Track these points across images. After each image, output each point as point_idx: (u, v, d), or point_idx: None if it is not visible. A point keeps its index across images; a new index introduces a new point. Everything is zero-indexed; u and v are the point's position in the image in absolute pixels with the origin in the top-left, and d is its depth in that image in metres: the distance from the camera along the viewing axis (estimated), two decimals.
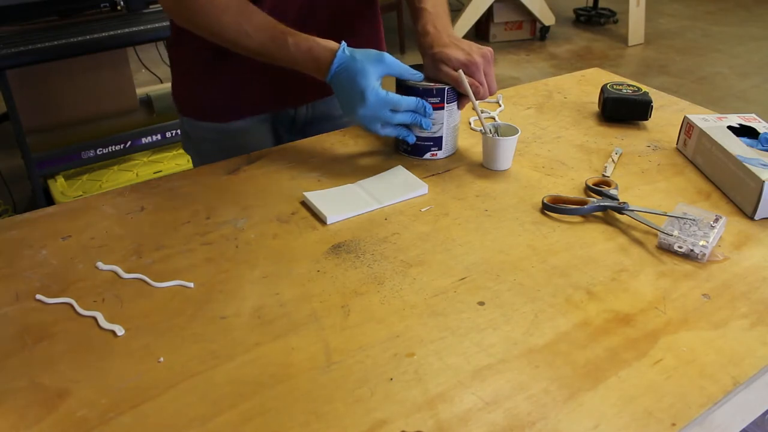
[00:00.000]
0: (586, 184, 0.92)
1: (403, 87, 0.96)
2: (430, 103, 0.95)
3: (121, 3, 2.15)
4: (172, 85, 1.15)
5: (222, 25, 0.92)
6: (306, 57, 0.92)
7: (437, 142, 0.99)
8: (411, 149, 1.00)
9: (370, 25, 1.15)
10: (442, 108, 0.96)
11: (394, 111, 0.92)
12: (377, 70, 0.90)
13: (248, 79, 1.07)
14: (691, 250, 0.77)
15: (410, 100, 0.93)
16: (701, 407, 0.58)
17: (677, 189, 0.93)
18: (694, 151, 0.99)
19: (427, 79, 0.97)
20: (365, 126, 0.93)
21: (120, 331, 0.67)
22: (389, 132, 0.95)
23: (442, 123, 0.97)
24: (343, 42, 0.92)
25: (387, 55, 0.91)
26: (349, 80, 0.90)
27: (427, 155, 1.00)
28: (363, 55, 0.90)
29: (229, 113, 1.10)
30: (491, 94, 0.97)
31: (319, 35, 0.93)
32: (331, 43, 0.92)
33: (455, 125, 1.00)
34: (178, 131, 2.33)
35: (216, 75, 1.07)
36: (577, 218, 0.86)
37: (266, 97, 1.10)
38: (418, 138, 0.98)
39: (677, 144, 1.05)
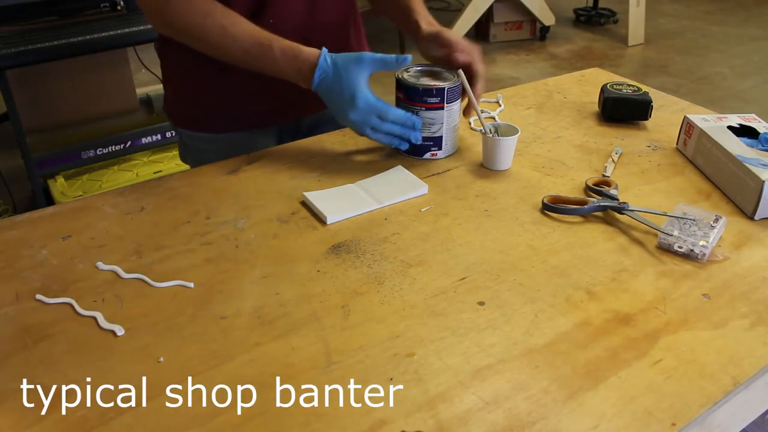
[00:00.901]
0: (586, 184, 0.92)
1: (403, 86, 0.96)
2: (430, 103, 0.95)
3: (121, 3, 2.15)
4: (165, 97, 1.13)
5: (205, 28, 0.91)
6: (291, 64, 0.92)
7: (437, 142, 0.99)
8: (411, 149, 1.00)
9: (354, 29, 1.14)
10: (442, 108, 0.96)
11: (382, 119, 0.93)
12: (363, 73, 0.91)
13: (249, 90, 1.05)
14: (691, 250, 0.77)
15: (398, 113, 0.94)
16: (701, 407, 0.58)
17: (677, 189, 0.93)
18: (694, 151, 0.99)
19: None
20: (357, 130, 0.94)
21: (120, 331, 0.67)
22: (380, 138, 0.95)
23: (442, 123, 0.97)
24: (324, 48, 0.92)
25: (365, 54, 0.91)
26: (338, 87, 0.91)
27: (427, 155, 1.00)
28: (343, 59, 0.91)
29: (230, 124, 1.08)
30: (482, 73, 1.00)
31: (317, 44, 0.93)
32: (314, 50, 0.92)
33: (455, 125, 1.00)
34: None
35: (213, 85, 1.05)
36: (577, 218, 0.86)
37: (269, 109, 1.08)
38: None
39: (677, 144, 1.05)
